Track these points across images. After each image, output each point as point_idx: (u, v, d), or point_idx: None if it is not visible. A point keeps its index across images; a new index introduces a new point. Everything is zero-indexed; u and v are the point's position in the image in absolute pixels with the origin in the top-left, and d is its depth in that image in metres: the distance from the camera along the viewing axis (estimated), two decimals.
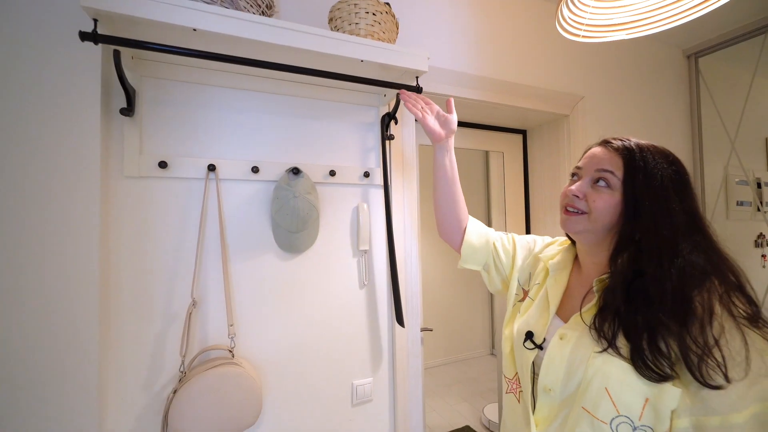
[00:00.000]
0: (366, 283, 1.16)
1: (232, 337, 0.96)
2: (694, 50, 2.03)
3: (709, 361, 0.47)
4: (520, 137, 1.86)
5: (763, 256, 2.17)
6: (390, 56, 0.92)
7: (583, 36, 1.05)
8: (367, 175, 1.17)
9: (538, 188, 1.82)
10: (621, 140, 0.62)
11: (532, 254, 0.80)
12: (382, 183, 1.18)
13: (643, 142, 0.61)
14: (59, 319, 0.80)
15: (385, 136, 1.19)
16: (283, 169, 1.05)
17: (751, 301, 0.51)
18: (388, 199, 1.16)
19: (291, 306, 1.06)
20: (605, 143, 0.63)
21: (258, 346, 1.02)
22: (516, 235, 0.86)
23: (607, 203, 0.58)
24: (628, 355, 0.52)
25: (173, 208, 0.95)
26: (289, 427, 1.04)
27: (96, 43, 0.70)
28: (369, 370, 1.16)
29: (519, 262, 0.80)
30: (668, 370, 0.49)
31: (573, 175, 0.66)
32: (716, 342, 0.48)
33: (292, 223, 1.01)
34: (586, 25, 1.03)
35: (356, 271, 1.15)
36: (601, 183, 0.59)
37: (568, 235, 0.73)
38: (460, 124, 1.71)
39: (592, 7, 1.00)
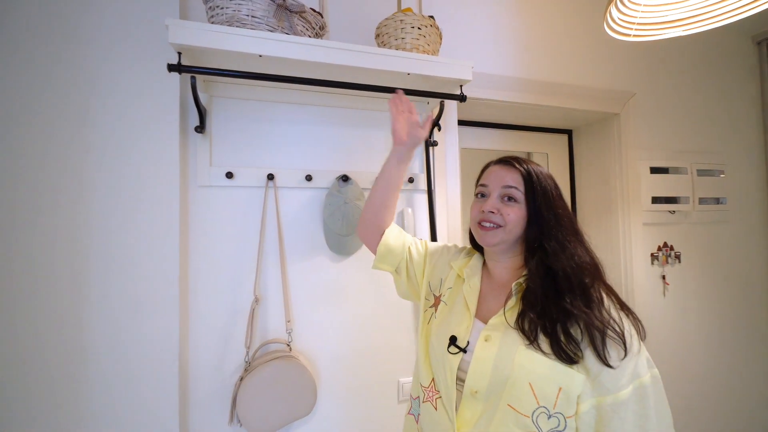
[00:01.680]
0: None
1: (289, 332, 1.05)
2: (764, 36, 1.87)
3: (610, 333, 0.58)
4: (565, 137, 1.82)
5: None
6: (435, 68, 0.96)
7: (635, 35, 1.02)
8: (411, 180, 1.22)
9: (585, 189, 1.77)
10: (515, 159, 0.72)
11: (444, 260, 0.82)
12: (426, 188, 1.22)
13: (525, 159, 0.72)
14: (145, 314, 0.93)
15: (429, 143, 1.23)
16: (334, 176, 1.12)
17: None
18: (432, 203, 1.20)
19: (341, 304, 1.13)
20: (503, 162, 0.73)
21: (312, 341, 1.10)
22: (428, 241, 0.89)
23: (517, 215, 0.68)
24: (547, 350, 0.59)
25: (237, 214, 1.05)
26: (338, 420, 1.11)
27: (180, 73, 0.80)
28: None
29: (429, 267, 0.83)
30: (579, 353, 0.59)
31: (479, 193, 0.74)
32: (612, 319, 0.60)
33: (342, 227, 1.08)
34: (638, 24, 1.01)
35: None
36: (510, 199, 0.68)
37: (473, 245, 0.80)
38: (503, 126, 1.70)
39: (645, 5, 0.97)
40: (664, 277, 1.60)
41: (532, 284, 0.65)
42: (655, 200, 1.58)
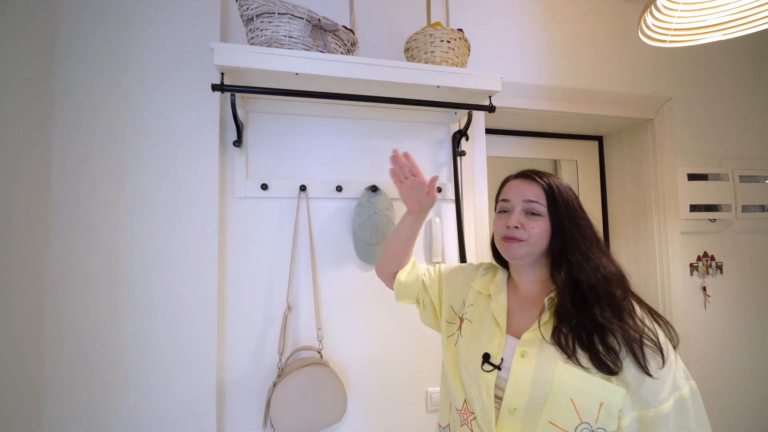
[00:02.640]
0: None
1: (320, 340, 1.07)
2: None
3: (646, 344, 0.58)
4: (595, 144, 1.78)
5: None
6: (464, 80, 0.98)
7: (671, 41, 0.99)
8: (439, 190, 1.23)
9: (617, 197, 1.72)
10: (536, 173, 0.71)
11: (461, 280, 0.82)
12: (453, 197, 1.23)
13: (546, 172, 0.71)
14: (185, 319, 0.98)
15: (457, 152, 1.23)
16: (363, 187, 1.15)
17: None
18: (460, 212, 1.21)
19: (370, 313, 1.15)
20: (523, 176, 0.72)
21: (342, 348, 1.12)
22: (442, 265, 0.89)
23: (541, 228, 0.67)
24: (587, 364, 0.59)
25: (271, 224, 1.09)
26: (367, 428, 1.13)
27: (222, 92, 0.85)
28: None
29: (447, 290, 0.83)
30: (618, 362, 0.58)
31: (502, 209, 0.73)
32: (646, 327, 0.60)
33: (372, 237, 1.10)
34: (674, 30, 0.98)
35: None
36: (533, 213, 0.68)
37: (497, 259, 0.80)
38: (531, 134, 1.69)
39: (681, 10, 0.95)
40: (704, 289, 1.52)
41: (562, 298, 0.65)
42: (694, 208, 1.52)
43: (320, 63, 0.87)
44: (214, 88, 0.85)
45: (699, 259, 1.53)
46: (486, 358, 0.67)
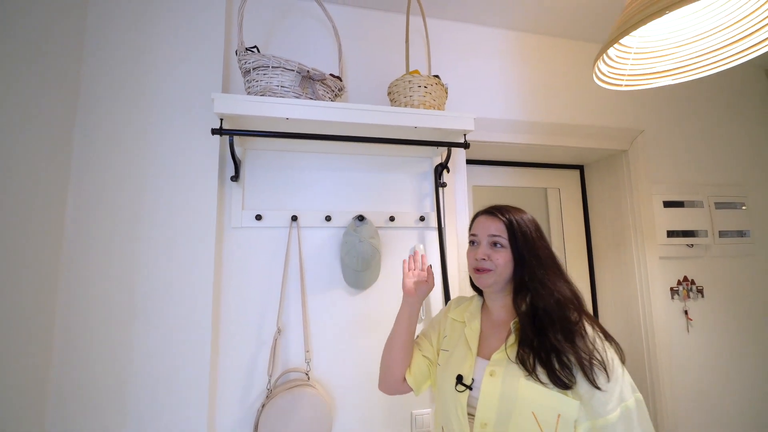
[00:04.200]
0: (423, 317, 1.27)
1: (308, 362, 1.13)
2: None
3: (594, 362, 0.66)
4: (577, 173, 1.87)
5: None
6: (439, 121, 1.08)
7: (626, 85, 1.09)
8: (422, 219, 1.31)
9: (599, 223, 1.79)
10: (498, 209, 0.81)
11: (440, 318, 0.93)
12: (436, 225, 1.31)
13: (508, 208, 0.81)
14: (180, 341, 1.04)
15: (439, 184, 1.33)
16: (351, 216, 1.24)
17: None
18: (442, 239, 1.28)
19: (357, 335, 1.21)
20: (488, 212, 0.82)
21: (329, 370, 1.17)
22: (421, 332, 0.96)
23: (504, 259, 0.76)
24: (545, 380, 0.66)
25: (265, 252, 1.18)
26: None
27: (221, 135, 0.96)
28: (428, 400, 1.24)
29: (435, 339, 0.90)
30: (572, 378, 0.66)
31: (472, 242, 0.83)
32: (595, 349, 0.67)
33: (358, 264, 1.18)
34: (628, 75, 1.08)
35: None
36: (497, 245, 0.77)
37: (474, 287, 0.89)
38: (515, 164, 1.78)
39: (632, 60, 1.05)
40: (686, 312, 1.57)
41: (523, 323, 0.73)
42: (671, 234, 1.59)
43: (307, 109, 0.98)
44: (214, 132, 0.96)
45: (679, 283, 1.58)
46: (459, 379, 0.74)
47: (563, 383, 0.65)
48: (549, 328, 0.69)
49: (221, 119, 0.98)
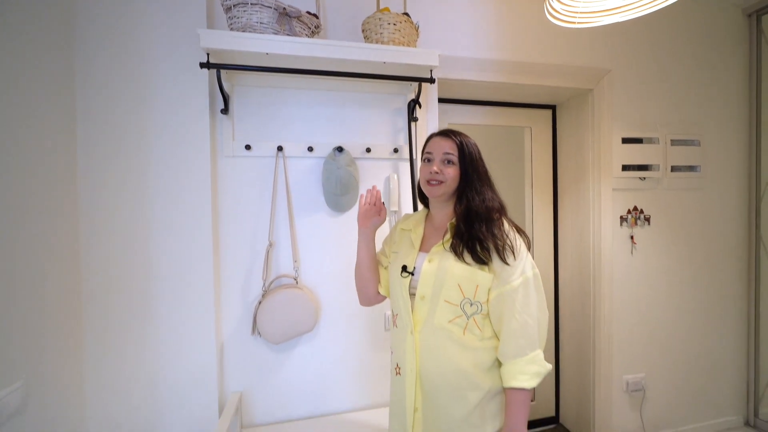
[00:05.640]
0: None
1: (296, 270, 1.35)
2: (755, 8, 1.92)
3: (506, 246, 0.86)
4: (549, 112, 1.98)
5: None
6: (405, 57, 1.20)
7: (579, 23, 1.18)
8: (396, 151, 1.47)
9: (565, 160, 1.94)
10: (452, 132, 0.94)
11: (395, 232, 1.08)
12: (408, 157, 1.46)
13: (458, 132, 0.95)
14: (187, 254, 1.25)
15: (411, 118, 1.46)
16: (331, 147, 1.39)
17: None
18: (413, 170, 1.45)
19: (338, 250, 1.42)
20: (443, 134, 0.95)
21: (314, 277, 1.40)
22: (379, 250, 1.11)
23: (454, 173, 0.91)
24: (469, 261, 0.86)
25: (254, 178, 1.35)
26: (337, 338, 1.42)
27: (209, 69, 1.09)
28: None
29: (388, 249, 1.08)
30: (489, 256, 0.86)
31: (427, 159, 0.95)
32: (507, 237, 0.87)
33: (337, 188, 1.35)
34: (581, 13, 1.17)
35: (388, 227, 1.46)
36: (449, 162, 0.91)
37: (421, 198, 1.05)
38: (491, 103, 1.89)
39: None
40: (632, 238, 1.77)
41: (458, 222, 0.91)
42: (626, 168, 1.74)
43: (285, 44, 1.09)
44: (202, 65, 1.08)
45: (629, 212, 1.77)
46: (404, 268, 0.95)
47: (482, 261, 0.85)
48: (477, 224, 0.88)
49: (207, 54, 1.10)
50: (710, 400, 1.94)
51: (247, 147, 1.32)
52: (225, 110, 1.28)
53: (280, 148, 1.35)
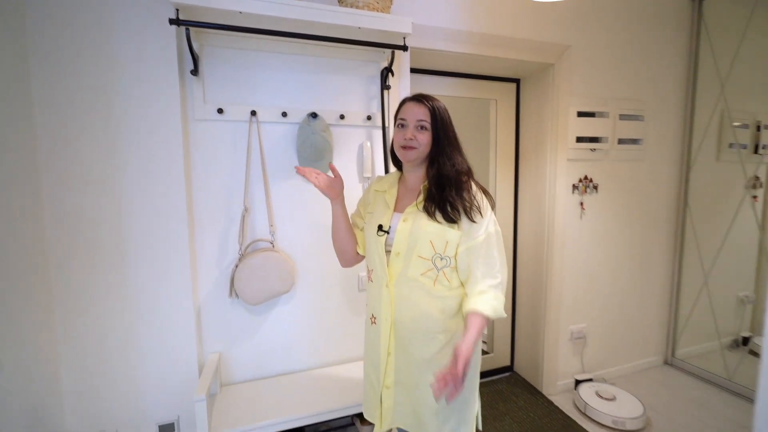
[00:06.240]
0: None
1: (272, 233, 1.39)
2: None
3: (473, 207, 0.94)
4: (514, 85, 2.08)
5: (754, 197, 2.30)
6: (379, 23, 1.21)
7: None
8: (369, 118, 1.50)
9: (527, 131, 2.07)
10: (424, 97, 0.98)
11: (368, 194, 1.14)
12: (381, 125, 1.51)
13: (429, 96, 0.99)
14: (161, 217, 1.25)
15: (384, 86, 1.49)
16: (305, 113, 1.40)
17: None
18: (386, 137, 1.50)
19: (313, 215, 1.46)
20: (416, 99, 0.99)
21: (291, 242, 1.44)
22: (353, 213, 1.18)
23: (427, 139, 0.97)
24: (440, 219, 0.94)
25: (228, 143, 1.34)
26: (313, 298, 1.50)
27: (179, 26, 1.05)
28: None
29: (364, 216, 1.14)
30: (458, 216, 0.93)
31: (400, 125, 1.00)
32: (475, 198, 0.95)
33: (311, 154, 1.38)
34: None
35: (361, 192, 1.52)
36: (422, 128, 0.97)
37: (394, 161, 1.10)
38: (459, 75, 1.95)
39: None
40: (582, 204, 1.96)
41: (430, 185, 0.99)
42: (579, 140, 1.90)
43: (257, 3, 1.07)
44: (171, 21, 1.04)
45: (580, 180, 1.95)
46: (380, 227, 1.02)
47: (452, 220, 0.94)
48: (447, 187, 0.96)
49: (177, 9, 1.05)
50: (637, 344, 2.25)
51: (220, 111, 1.30)
52: (195, 71, 1.24)
53: (253, 113, 1.34)
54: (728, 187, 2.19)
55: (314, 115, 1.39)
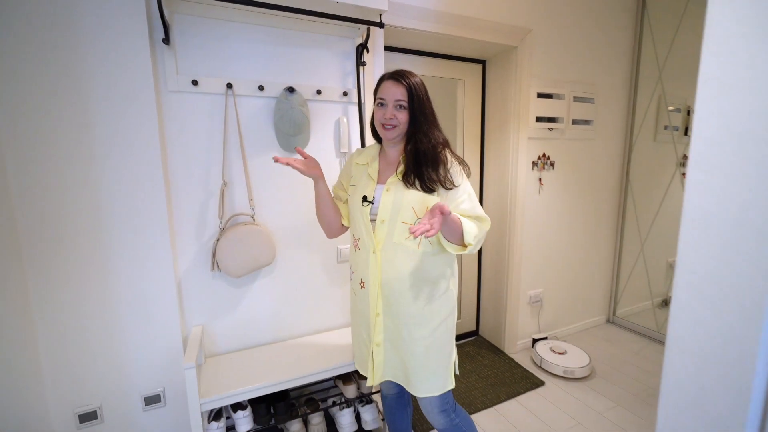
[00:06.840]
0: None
1: (252, 208, 1.41)
2: None
3: (447, 179, 1.02)
4: (480, 66, 2.18)
5: (683, 174, 2.60)
6: None
7: None
8: (345, 94, 1.53)
9: (492, 111, 2.19)
10: (402, 75, 1.03)
11: (349, 167, 1.21)
12: (357, 101, 1.55)
13: (407, 73, 1.04)
14: (139, 192, 1.22)
15: (359, 63, 1.52)
16: (282, 88, 1.40)
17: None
18: (362, 113, 1.54)
19: (292, 188, 1.49)
20: (394, 78, 1.04)
21: (271, 215, 1.47)
22: (334, 186, 1.26)
23: (406, 117, 1.04)
24: (420, 188, 1.02)
25: (204, 115, 1.32)
26: (294, 270, 1.54)
27: None
28: (349, 239, 1.63)
29: (346, 181, 1.21)
30: (436, 187, 1.02)
31: (380, 104, 1.06)
32: (451, 169, 1.03)
33: (290, 129, 1.40)
34: None
35: (338, 167, 1.57)
36: (401, 107, 1.03)
37: (375, 136, 1.17)
38: (430, 54, 2.01)
39: None
40: (540, 179, 2.13)
41: (408, 158, 1.06)
42: (539, 119, 2.05)
43: None
44: None
45: (539, 158, 2.11)
46: (364, 198, 1.08)
47: (431, 190, 1.03)
48: (424, 162, 1.03)
49: None
50: (585, 305, 2.53)
51: (194, 82, 1.28)
52: (166, 40, 1.21)
53: (229, 86, 1.33)
54: (663, 164, 2.45)
55: (291, 90, 1.40)
